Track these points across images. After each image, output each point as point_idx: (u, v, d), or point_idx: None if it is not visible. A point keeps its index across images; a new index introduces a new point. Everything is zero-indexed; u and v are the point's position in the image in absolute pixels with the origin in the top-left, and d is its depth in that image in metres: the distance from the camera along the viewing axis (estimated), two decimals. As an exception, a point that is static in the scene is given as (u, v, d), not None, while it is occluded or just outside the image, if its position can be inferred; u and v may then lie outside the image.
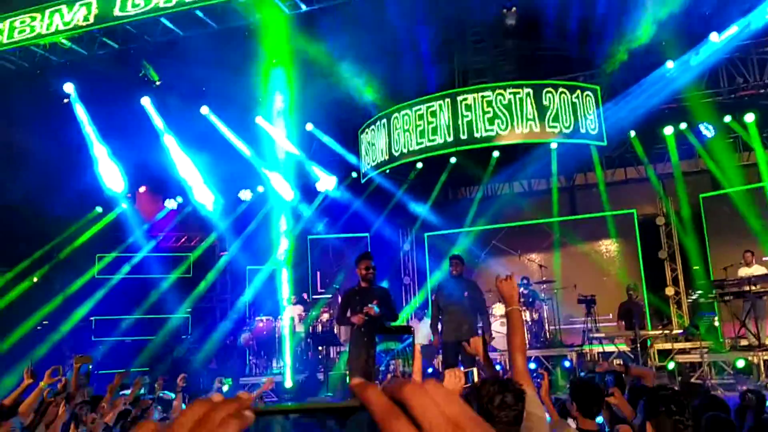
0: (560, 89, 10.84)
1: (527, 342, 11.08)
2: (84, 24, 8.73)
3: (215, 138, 12.07)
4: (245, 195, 13.75)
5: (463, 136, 10.87)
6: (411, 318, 12.51)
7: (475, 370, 3.06)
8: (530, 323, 11.29)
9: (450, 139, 10.97)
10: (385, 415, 0.53)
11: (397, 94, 11.88)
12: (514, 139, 10.85)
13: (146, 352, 12.24)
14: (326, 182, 13.58)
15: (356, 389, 0.56)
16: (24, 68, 9.71)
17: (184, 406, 5.87)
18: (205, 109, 11.87)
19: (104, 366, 12.49)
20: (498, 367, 10.96)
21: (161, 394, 7.32)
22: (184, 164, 12.25)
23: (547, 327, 11.76)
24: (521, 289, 11.79)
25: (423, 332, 11.38)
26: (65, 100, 10.60)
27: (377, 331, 6.31)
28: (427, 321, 11.72)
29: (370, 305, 6.38)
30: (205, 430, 0.56)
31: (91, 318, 12.78)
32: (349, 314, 6.59)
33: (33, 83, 10.11)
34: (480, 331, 7.89)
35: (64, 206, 12.40)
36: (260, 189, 13.68)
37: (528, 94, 10.70)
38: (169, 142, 11.94)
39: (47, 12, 8.92)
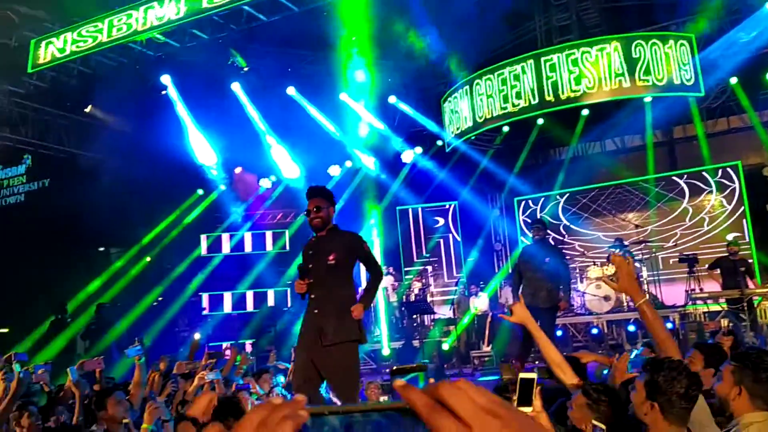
0: (651, 40, 10.32)
1: (626, 304, 10.86)
2: (176, 18, 9.22)
3: (303, 117, 12.45)
4: (334, 171, 14.11)
5: (549, 98, 10.61)
6: (502, 285, 12.51)
7: None
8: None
9: (535, 101, 10.75)
10: (429, 412, 0.60)
11: (478, 59, 11.73)
12: (603, 96, 10.47)
13: (251, 324, 12.98)
14: (410, 153, 13.68)
15: (399, 390, 0.63)
16: (123, 64, 10.40)
17: None
18: (291, 90, 12.25)
19: (215, 338, 13.36)
20: (595, 330, 10.86)
21: (277, 364, 7.79)
22: (274, 144, 12.76)
23: (646, 289, 11.43)
24: (617, 251, 11.49)
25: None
26: (163, 92, 11.28)
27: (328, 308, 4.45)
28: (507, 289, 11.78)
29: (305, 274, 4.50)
30: (266, 431, 0.63)
31: (200, 294, 13.65)
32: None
33: (133, 77, 10.82)
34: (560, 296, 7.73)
35: (169, 190, 13.27)
36: (348, 164, 14.00)
37: (616, 48, 10.26)
38: (260, 123, 12.45)
39: (141, 10, 9.48)
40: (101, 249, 14.53)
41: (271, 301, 13.56)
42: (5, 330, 12.58)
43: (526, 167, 14.03)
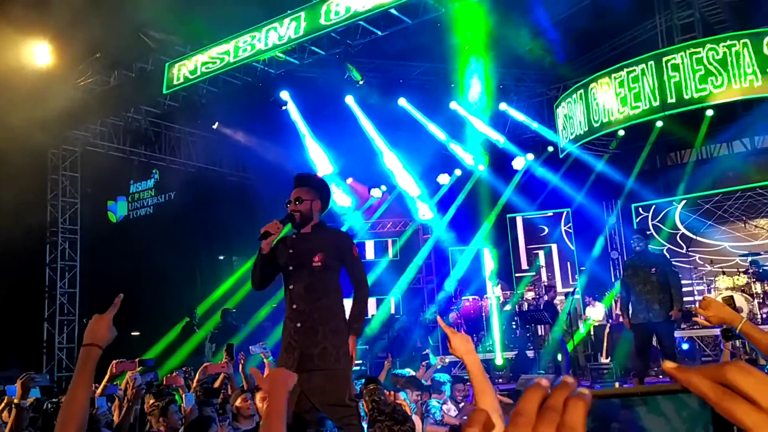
0: (786, 35, 9.64)
1: (760, 317, 10.11)
2: (295, 37, 9.63)
3: (413, 126, 12.62)
4: (443, 179, 14.17)
5: (671, 99, 10.14)
6: (619, 295, 12.03)
7: None
8: (763, 297, 10.29)
9: (656, 103, 10.30)
10: (719, 396, 0.55)
11: (593, 62, 11.43)
12: (732, 96, 9.85)
13: (366, 331, 13.23)
14: (521, 160, 13.51)
15: (675, 374, 0.58)
16: (247, 82, 10.99)
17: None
18: (402, 101, 12.45)
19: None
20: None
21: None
22: (386, 154, 13.01)
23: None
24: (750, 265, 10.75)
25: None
26: (283, 107, 11.82)
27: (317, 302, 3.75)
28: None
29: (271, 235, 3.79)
30: (554, 414, 0.57)
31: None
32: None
33: (255, 95, 11.42)
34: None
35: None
36: (457, 172, 14.00)
37: (746, 45, 9.67)
38: (372, 134, 12.75)
39: (264, 30, 9.99)
40: (221, 257, 15.34)
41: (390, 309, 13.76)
42: (137, 333, 13.53)
43: (645, 172, 13.44)
